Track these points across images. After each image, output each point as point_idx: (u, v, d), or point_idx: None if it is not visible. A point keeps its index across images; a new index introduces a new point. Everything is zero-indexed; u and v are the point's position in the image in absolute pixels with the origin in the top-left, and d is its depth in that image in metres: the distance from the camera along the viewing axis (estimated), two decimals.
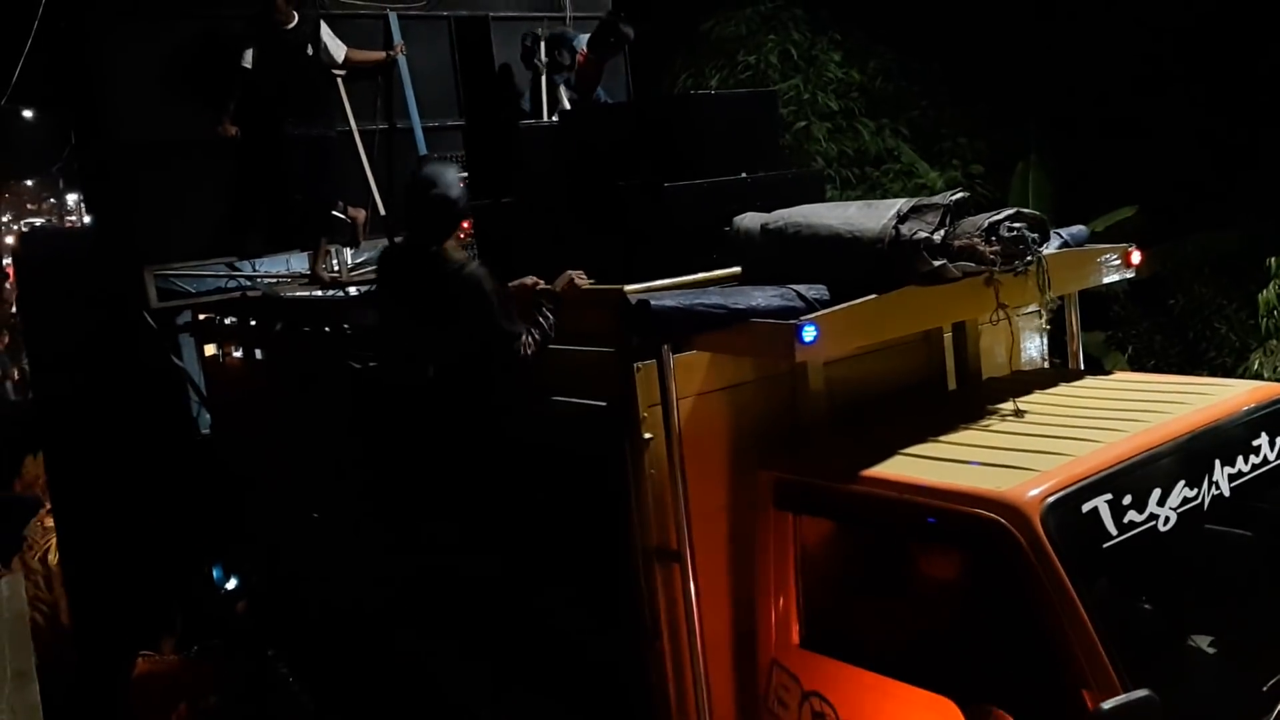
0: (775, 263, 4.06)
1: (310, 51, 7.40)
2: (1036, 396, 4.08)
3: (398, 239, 4.64)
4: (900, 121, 12.87)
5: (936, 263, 3.74)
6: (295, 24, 7.36)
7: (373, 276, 8.18)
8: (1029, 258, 3.92)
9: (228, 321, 7.58)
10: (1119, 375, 4.54)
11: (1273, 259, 8.54)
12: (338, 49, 7.57)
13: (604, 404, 3.87)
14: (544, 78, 7.19)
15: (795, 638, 3.77)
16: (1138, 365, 10.21)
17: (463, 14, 8.36)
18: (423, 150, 7.69)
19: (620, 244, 4.60)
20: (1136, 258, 4.50)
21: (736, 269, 4.29)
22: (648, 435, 3.71)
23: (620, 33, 6.86)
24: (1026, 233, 3.92)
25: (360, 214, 7.67)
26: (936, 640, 3.32)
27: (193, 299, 7.74)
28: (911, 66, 13.13)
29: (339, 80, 7.70)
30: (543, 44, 7.27)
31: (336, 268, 8.02)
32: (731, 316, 3.66)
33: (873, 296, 3.71)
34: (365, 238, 7.78)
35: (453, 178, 4.33)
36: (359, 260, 8.22)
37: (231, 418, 7.81)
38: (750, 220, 4.31)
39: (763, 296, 3.73)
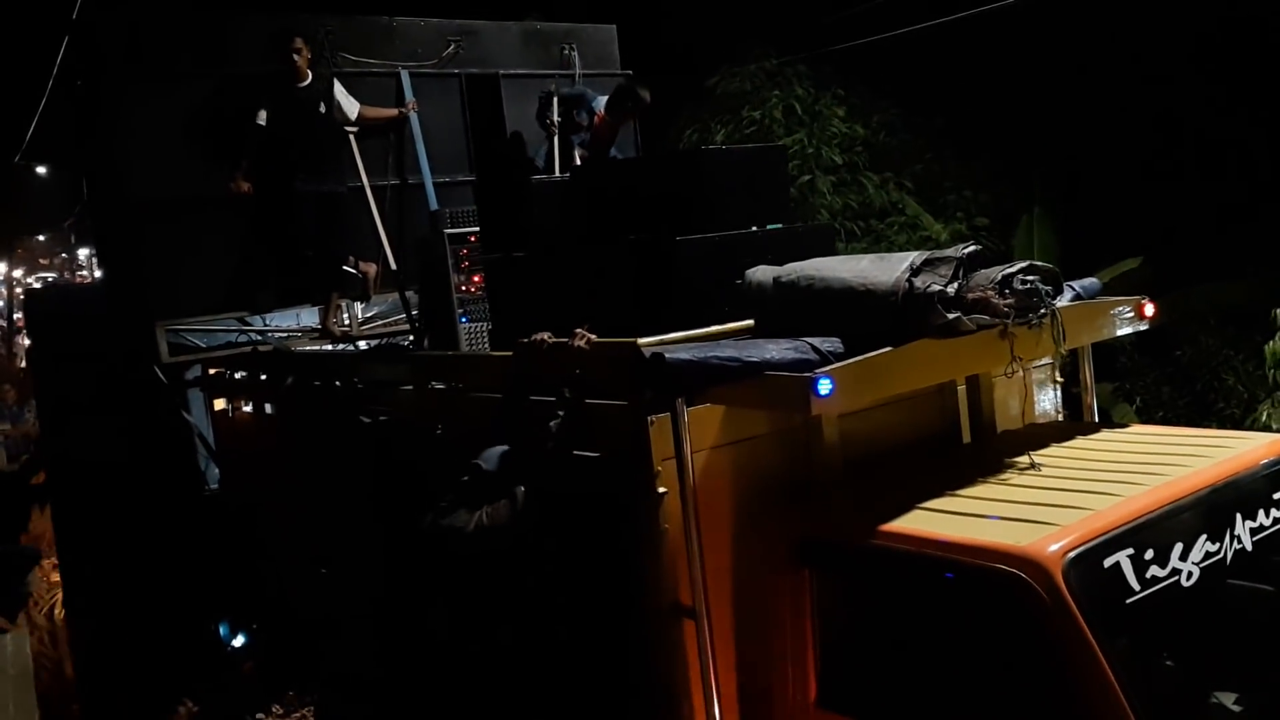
0: (788, 316, 4.06)
1: (323, 109, 7.49)
2: (1053, 450, 4.06)
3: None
4: (904, 175, 13.00)
5: (950, 315, 3.73)
6: (309, 82, 7.46)
7: (383, 329, 8.28)
8: (1042, 310, 3.93)
9: (237, 376, 7.58)
10: (1135, 428, 4.51)
11: (1278, 310, 8.53)
12: (350, 106, 7.67)
13: (616, 458, 3.85)
14: (556, 137, 7.26)
15: (812, 696, 3.71)
16: (1146, 417, 10.19)
17: (473, 71, 8.46)
18: (434, 205, 7.73)
19: (632, 297, 4.61)
20: (1150, 310, 4.49)
21: (749, 322, 4.28)
22: (662, 490, 3.68)
23: (637, 97, 6.96)
24: (1040, 285, 3.92)
25: (371, 268, 7.71)
26: (957, 698, 3.26)
27: (203, 354, 7.75)
28: (915, 121, 13.27)
29: (351, 137, 7.77)
30: (556, 103, 7.34)
31: (347, 322, 8.04)
32: (746, 369, 3.65)
33: (887, 349, 3.71)
34: (376, 292, 7.82)
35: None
36: (369, 314, 8.24)
37: (240, 473, 7.79)
38: (762, 273, 4.31)
39: (776, 349, 3.72)
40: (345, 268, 7.60)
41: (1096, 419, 4.91)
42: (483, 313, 6.34)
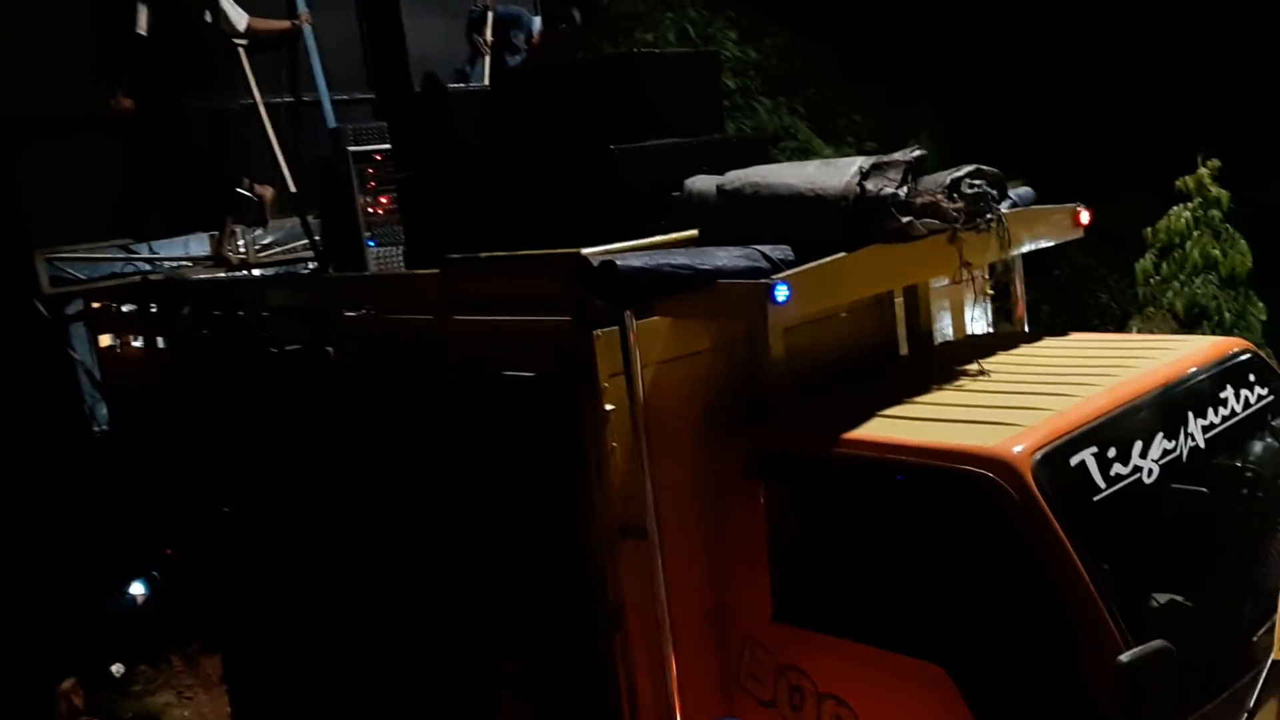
0: (733, 225, 3.93)
1: (209, 18, 7.02)
2: (1000, 357, 4.05)
3: None
4: (796, 100, 12.93)
5: (904, 219, 3.66)
6: None
7: (282, 257, 7.89)
8: (989, 215, 3.89)
9: (125, 309, 7.15)
10: (1074, 336, 4.57)
11: (1148, 229, 8.84)
12: (239, 17, 7.23)
13: (559, 376, 3.69)
14: (488, 56, 7.01)
15: (769, 611, 3.66)
16: None
17: None
18: (331, 124, 7.38)
19: (567, 210, 4.43)
20: (1085, 218, 4.52)
21: (693, 232, 4.14)
22: (609, 406, 3.55)
23: (570, 17, 6.80)
24: (987, 190, 3.88)
25: (268, 191, 7.34)
26: (923, 605, 3.24)
27: (86, 285, 7.28)
28: (807, 45, 13.21)
29: (241, 50, 7.33)
30: (490, 21, 7.08)
31: (243, 249, 7.64)
32: (699, 278, 3.51)
33: (841, 255, 3.62)
34: (274, 217, 7.44)
35: None
36: (266, 241, 7.85)
37: (131, 411, 7.38)
38: (703, 182, 4.18)
39: (728, 257, 3.60)
40: (239, 190, 7.20)
41: (1028, 329, 4.95)
42: (393, 236, 6.04)
